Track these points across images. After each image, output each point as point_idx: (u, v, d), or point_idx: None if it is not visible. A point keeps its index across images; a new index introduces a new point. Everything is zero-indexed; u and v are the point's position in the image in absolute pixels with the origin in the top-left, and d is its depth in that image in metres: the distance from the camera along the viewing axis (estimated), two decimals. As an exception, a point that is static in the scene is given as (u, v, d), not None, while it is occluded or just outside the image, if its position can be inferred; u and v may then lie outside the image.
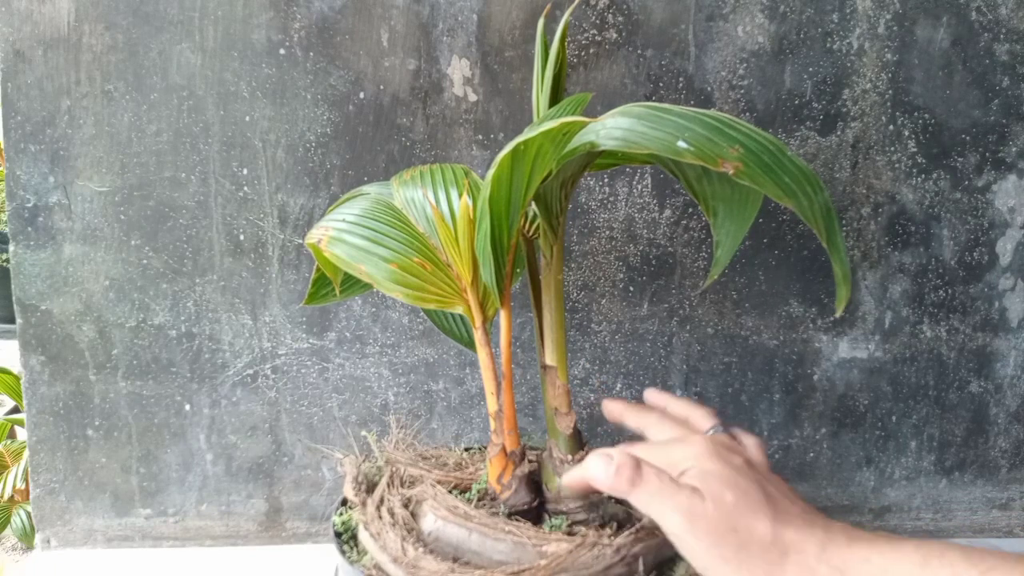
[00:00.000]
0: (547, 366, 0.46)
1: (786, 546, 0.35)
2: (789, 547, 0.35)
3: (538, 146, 0.35)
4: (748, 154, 0.33)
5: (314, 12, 0.68)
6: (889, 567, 0.33)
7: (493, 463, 0.45)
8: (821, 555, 0.34)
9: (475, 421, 0.76)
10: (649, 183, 0.74)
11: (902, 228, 0.77)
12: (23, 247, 0.69)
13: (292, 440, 0.75)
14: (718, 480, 0.36)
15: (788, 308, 0.77)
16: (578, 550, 0.40)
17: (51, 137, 0.67)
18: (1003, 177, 0.78)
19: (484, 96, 0.71)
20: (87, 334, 0.71)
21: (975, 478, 0.83)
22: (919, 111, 0.75)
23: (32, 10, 0.66)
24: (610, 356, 0.76)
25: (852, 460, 0.81)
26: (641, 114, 0.35)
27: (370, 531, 0.43)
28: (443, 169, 0.47)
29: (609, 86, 0.72)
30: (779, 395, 0.79)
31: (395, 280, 0.42)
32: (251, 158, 0.70)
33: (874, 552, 0.33)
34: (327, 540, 0.73)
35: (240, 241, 0.71)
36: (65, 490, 0.73)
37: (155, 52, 0.67)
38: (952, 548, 0.32)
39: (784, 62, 0.73)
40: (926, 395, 0.81)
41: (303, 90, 0.69)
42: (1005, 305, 0.80)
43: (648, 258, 0.75)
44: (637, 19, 0.71)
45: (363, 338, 0.73)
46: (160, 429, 0.73)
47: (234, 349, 0.72)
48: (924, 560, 0.32)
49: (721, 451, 0.38)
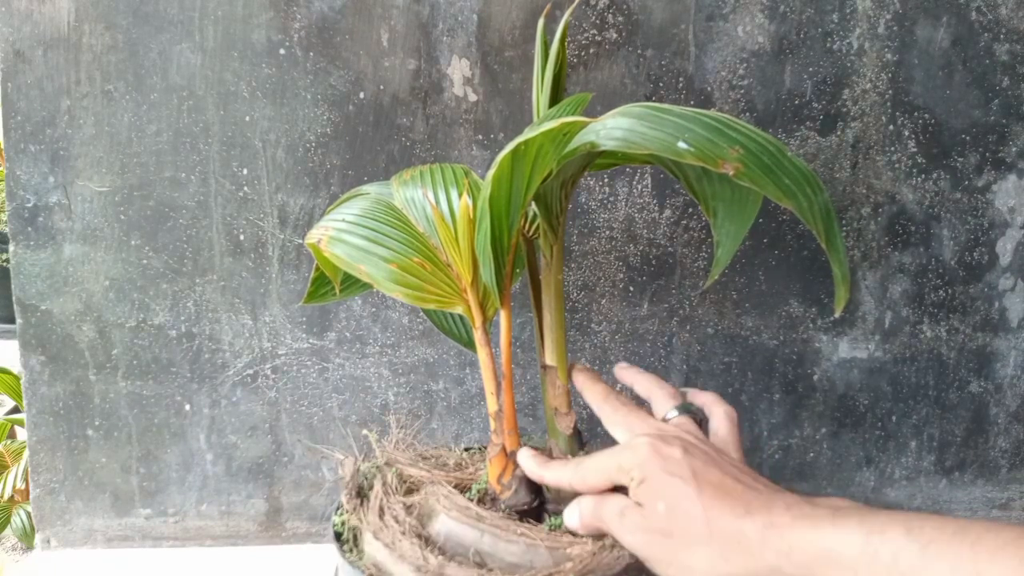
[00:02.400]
0: (547, 366, 0.46)
1: (726, 539, 0.35)
2: (729, 539, 0.35)
3: (538, 146, 0.35)
4: (748, 155, 0.33)
5: (314, 12, 0.68)
6: (832, 547, 0.33)
7: (493, 463, 0.45)
8: (764, 541, 0.34)
9: (475, 421, 0.76)
10: (649, 183, 0.74)
11: (902, 228, 0.77)
12: (23, 247, 0.69)
13: (292, 440, 0.75)
14: (651, 491, 0.38)
15: (788, 308, 0.77)
16: (601, 552, 0.41)
17: (51, 137, 0.67)
18: (1003, 177, 0.78)
19: (484, 96, 0.71)
20: (87, 334, 0.71)
21: (975, 478, 0.84)
22: (919, 111, 0.75)
23: (32, 10, 0.66)
24: (610, 356, 0.76)
25: (852, 460, 0.81)
26: (641, 114, 0.35)
27: (382, 540, 0.43)
28: (443, 169, 0.47)
29: (609, 86, 0.72)
30: (779, 395, 0.79)
31: (395, 280, 0.42)
32: (251, 158, 0.70)
33: (817, 532, 0.34)
34: (327, 540, 0.73)
35: (240, 241, 0.71)
36: (65, 490, 0.73)
37: (155, 52, 0.67)
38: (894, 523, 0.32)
39: (784, 62, 0.73)
40: (926, 395, 0.81)
41: (303, 90, 0.69)
42: (1005, 305, 0.80)
43: (648, 258, 0.75)
44: (637, 19, 0.71)
45: (363, 338, 0.73)
46: (160, 429, 0.73)
47: (234, 349, 0.72)
48: (866, 537, 0.32)
49: (659, 449, 0.38)
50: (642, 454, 0.39)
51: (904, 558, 0.31)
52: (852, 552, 0.32)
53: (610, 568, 0.40)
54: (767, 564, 0.34)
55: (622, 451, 0.40)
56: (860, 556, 0.32)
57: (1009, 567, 0.29)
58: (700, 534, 0.36)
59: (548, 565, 0.40)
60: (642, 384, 0.47)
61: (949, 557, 0.30)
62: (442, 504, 0.44)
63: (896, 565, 0.31)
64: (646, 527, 0.37)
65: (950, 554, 0.30)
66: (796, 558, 0.34)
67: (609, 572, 0.40)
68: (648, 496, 0.38)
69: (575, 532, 0.42)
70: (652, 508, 0.37)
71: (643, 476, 0.38)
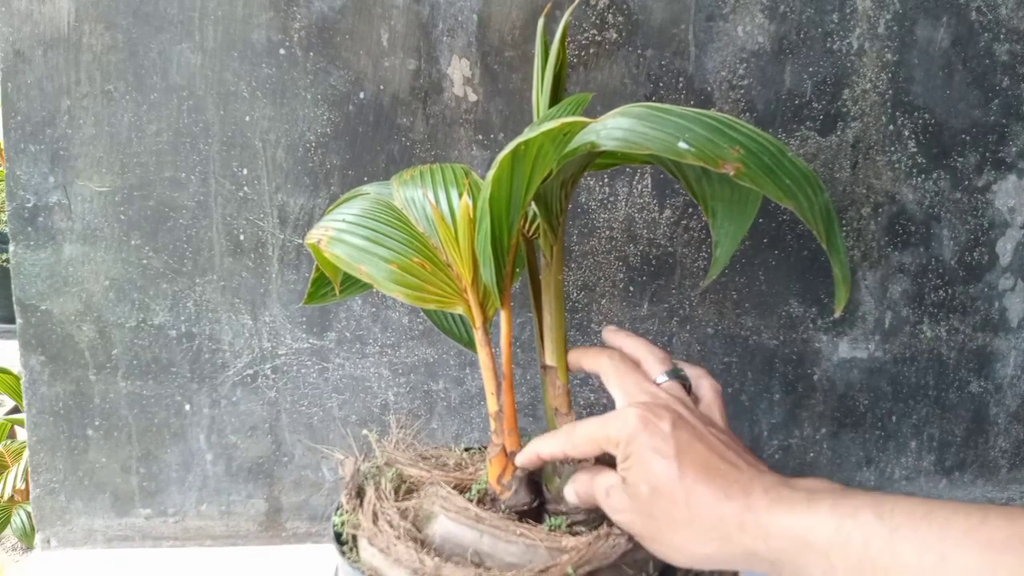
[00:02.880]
0: (547, 366, 0.46)
1: (704, 523, 0.36)
2: (707, 523, 0.36)
3: (538, 146, 0.35)
4: (748, 155, 0.33)
5: (314, 12, 0.68)
6: (806, 532, 0.34)
7: (493, 463, 0.45)
8: (742, 527, 0.35)
9: (475, 421, 0.76)
10: (649, 183, 0.74)
11: (902, 228, 0.77)
12: (23, 247, 0.69)
13: (292, 440, 0.75)
14: (636, 470, 0.38)
15: (788, 308, 0.77)
16: (597, 541, 0.41)
17: (51, 137, 0.67)
18: (1003, 177, 0.78)
19: (484, 96, 0.71)
20: (87, 334, 0.71)
21: (975, 478, 0.84)
22: (919, 111, 0.75)
23: (32, 10, 0.66)
24: (610, 356, 0.76)
25: (852, 460, 0.81)
26: (641, 114, 0.35)
27: (377, 545, 0.43)
28: (443, 169, 0.47)
29: (609, 86, 0.72)
30: (779, 395, 0.79)
31: (395, 280, 0.42)
32: (251, 158, 0.70)
33: (792, 517, 0.34)
34: (327, 540, 0.73)
35: (240, 241, 0.71)
36: (65, 490, 0.73)
37: (155, 52, 0.67)
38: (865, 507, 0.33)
39: (784, 62, 0.73)
40: (926, 395, 0.81)
41: (303, 90, 0.69)
42: (1005, 305, 0.80)
43: (648, 258, 0.75)
44: (637, 19, 0.71)
45: (363, 338, 0.73)
46: (160, 429, 0.73)
47: (234, 349, 0.72)
48: (838, 523, 0.33)
49: (649, 423, 0.39)
50: (631, 426, 0.39)
51: (874, 543, 0.32)
52: (825, 537, 0.33)
53: (606, 557, 0.41)
54: (745, 548, 0.35)
55: (613, 420, 0.40)
56: (832, 541, 0.33)
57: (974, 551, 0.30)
58: (681, 517, 0.37)
59: (548, 564, 0.40)
60: (632, 347, 0.47)
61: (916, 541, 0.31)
62: (441, 505, 0.44)
63: (867, 550, 0.32)
64: (631, 507, 0.39)
65: (917, 539, 0.31)
66: (773, 543, 0.34)
67: (605, 561, 0.41)
68: (632, 474, 0.39)
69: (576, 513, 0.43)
70: (636, 488, 0.38)
71: (628, 452, 0.39)
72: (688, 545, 0.37)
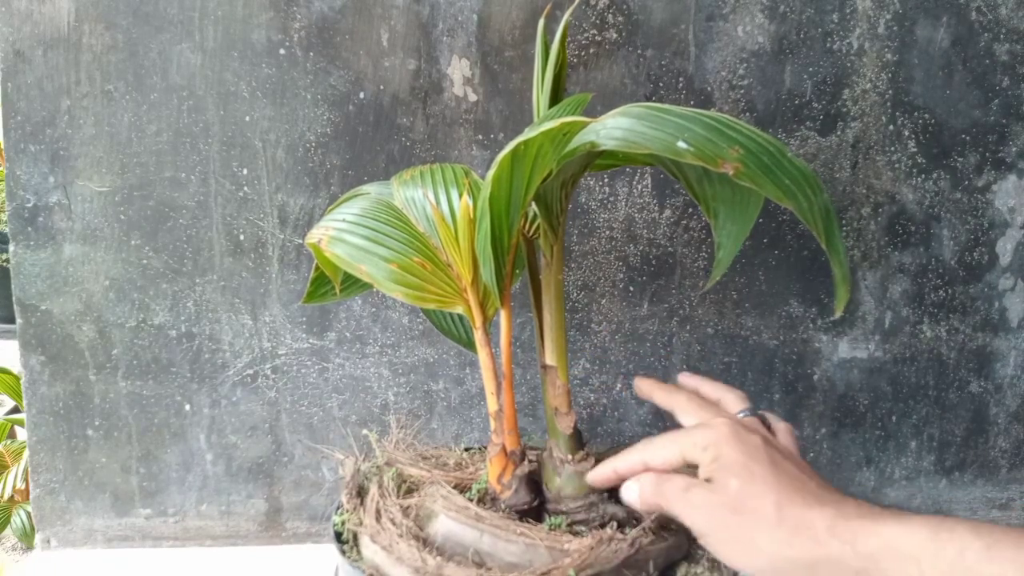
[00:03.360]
0: (547, 366, 0.46)
1: (794, 525, 0.36)
2: (797, 525, 0.36)
3: (538, 146, 0.35)
4: (748, 155, 0.33)
5: (314, 12, 0.68)
6: (896, 540, 0.34)
7: (493, 463, 0.45)
8: (831, 530, 0.35)
9: (475, 421, 0.76)
10: (649, 183, 0.74)
11: (902, 228, 0.77)
12: (23, 247, 0.69)
13: (292, 440, 0.75)
14: (727, 468, 0.38)
15: (788, 308, 0.77)
16: (599, 545, 0.41)
17: (51, 137, 0.67)
18: (1003, 177, 0.78)
19: (484, 96, 0.71)
20: (87, 334, 0.71)
21: (975, 478, 0.84)
22: (919, 111, 0.75)
23: (32, 10, 0.66)
24: (610, 356, 0.76)
25: (852, 460, 0.81)
26: (641, 114, 0.35)
27: (379, 543, 0.43)
28: (443, 169, 0.47)
29: (609, 86, 0.72)
30: (779, 395, 0.79)
31: (395, 280, 0.42)
32: (251, 158, 0.70)
33: (883, 526, 0.34)
34: (327, 540, 0.73)
35: (240, 241, 0.71)
36: (65, 490, 0.73)
37: (155, 52, 0.67)
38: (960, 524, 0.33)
39: (784, 62, 0.73)
40: (926, 395, 0.81)
41: (303, 90, 0.69)
42: (1005, 305, 0.80)
43: (648, 258, 0.75)
44: (637, 19, 0.71)
45: (363, 338, 0.73)
46: (160, 429, 0.73)
47: (234, 349, 0.72)
48: (933, 533, 0.33)
49: (740, 432, 0.39)
50: (722, 432, 0.39)
51: (970, 555, 0.32)
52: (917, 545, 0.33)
53: (608, 562, 0.41)
54: (831, 553, 0.35)
55: (699, 429, 0.41)
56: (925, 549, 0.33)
57: None
58: (770, 516, 0.36)
59: (548, 564, 0.40)
60: (710, 388, 0.48)
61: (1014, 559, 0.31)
62: (441, 504, 0.44)
63: (961, 560, 0.32)
64: (714, 502, 0.38)
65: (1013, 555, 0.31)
66: (861, 548, 0.34)
67: (608, 566, 0.41)
68: (721, 472, 0.38)
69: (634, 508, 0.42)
70: (724, 484, 0.38)
71: (718, 453, 0.39)
72: (772, 546, 0.36)
